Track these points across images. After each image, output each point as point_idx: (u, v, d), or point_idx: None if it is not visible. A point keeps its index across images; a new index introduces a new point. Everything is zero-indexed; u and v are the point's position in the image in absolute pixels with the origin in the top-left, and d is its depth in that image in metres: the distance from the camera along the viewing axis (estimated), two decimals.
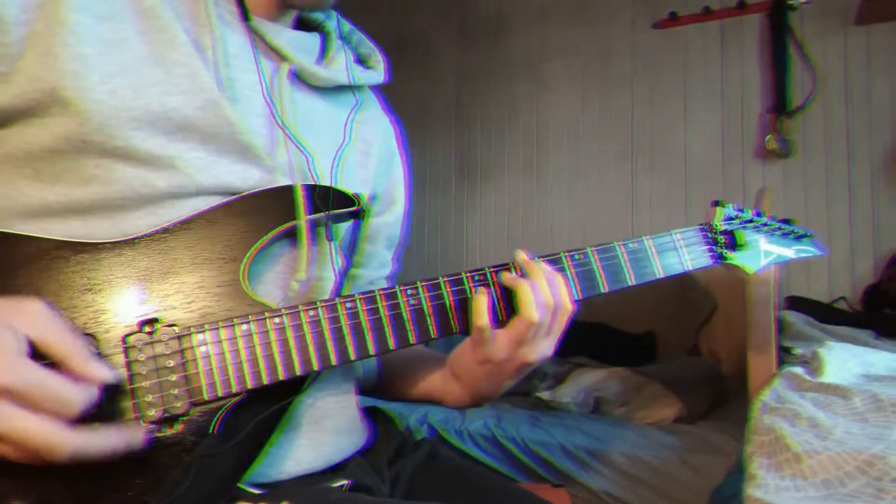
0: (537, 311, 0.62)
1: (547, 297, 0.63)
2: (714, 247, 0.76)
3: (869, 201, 2.22)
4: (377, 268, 0.85)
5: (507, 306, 0.65)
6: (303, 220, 0.62)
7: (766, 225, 0.81)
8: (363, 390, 0.83)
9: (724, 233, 0.77)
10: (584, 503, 1.52)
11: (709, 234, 0.76)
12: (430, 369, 0.77)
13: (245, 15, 0.66)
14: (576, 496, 1.52)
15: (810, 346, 1.20)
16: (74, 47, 0.54)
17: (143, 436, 0.50)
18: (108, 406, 0.50)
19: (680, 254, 0.73)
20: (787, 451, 0.70)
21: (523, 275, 0.65)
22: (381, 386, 0.83)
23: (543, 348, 0.66)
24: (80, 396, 0.46)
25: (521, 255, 0.66)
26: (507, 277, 0.65)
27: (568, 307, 0.65)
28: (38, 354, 0.46)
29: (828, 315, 1.83)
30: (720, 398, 1.90)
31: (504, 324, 0.65)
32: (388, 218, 0.84)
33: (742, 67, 2.42)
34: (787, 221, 0.84)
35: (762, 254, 0.79)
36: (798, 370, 1.02)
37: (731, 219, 0.79)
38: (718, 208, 0.78)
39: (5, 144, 0.56)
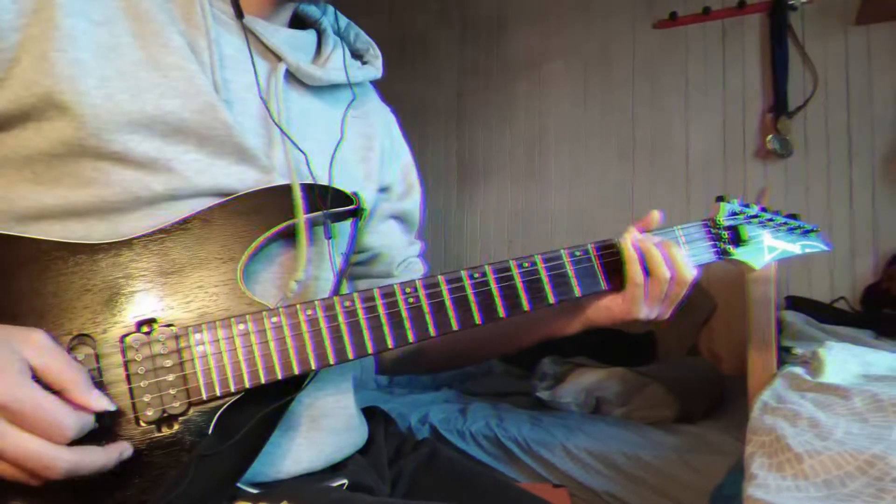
0: (668, 270, 0.68)
1: (659, 264, 0.69)
2: (717, 242, 0.75)
3: (869, 201, 2.21)
4: (407, 246, 0.90)
5: (613, 275, 0.70)
6: (301, 218, 0.61)
7: (771, 220, 0.79)
8: (394, 368, 0.88)
9: (728, 228, 0.76)
10: (584, 503, 1.52)
11: (711, 229, 0.75)
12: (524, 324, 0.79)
13: (239, 14, 0.66)
14: (576, 496, 1.52)
15: (810, 345, 1.20)
16: (70, 52, 0.54)
17: (132, 444, 0.51)
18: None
19: (682, 249, 0.72)
20: (788, 451, 0.70)
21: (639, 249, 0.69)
22: (431, 356, 0.86)
23: (668, 311, 0.73)
24: (73, 422, 0.46)
25: (635, 233, 0.70)
26: (638, 239, 0.69)
27: (688, 274, 0.70)
28: (39, 383, 0.46)
29: (827, 315, 1.83)
30: (720, 398, 1.90)
31: (613, 290, 0.70)
32: (408, 204, 0.88)
33: (742, 67, 2.41)
34: (792, 216, 0.82)
35: (766, 249, 0.77)
36: (798, 370, 1.02)
37: (735, 214, 0.77)
38: (722, 203, 0.77)
39: (3, 148, 0.56)
